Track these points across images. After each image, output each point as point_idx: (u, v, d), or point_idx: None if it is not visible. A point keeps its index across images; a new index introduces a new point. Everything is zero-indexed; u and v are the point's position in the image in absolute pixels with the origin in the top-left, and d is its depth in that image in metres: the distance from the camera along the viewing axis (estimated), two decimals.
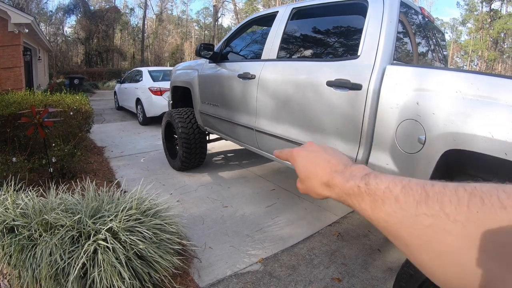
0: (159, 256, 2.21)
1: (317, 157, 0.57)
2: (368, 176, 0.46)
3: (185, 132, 4.33)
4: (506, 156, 1.52)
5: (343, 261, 2.78)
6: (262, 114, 3.04)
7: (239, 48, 3.92)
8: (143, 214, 2.42)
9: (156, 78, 8.90)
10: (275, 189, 4.27)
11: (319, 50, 2.88)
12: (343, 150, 2.30)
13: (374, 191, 0.43)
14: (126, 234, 2.14)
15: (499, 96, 1.62)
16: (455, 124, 1.72)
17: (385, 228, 0.41)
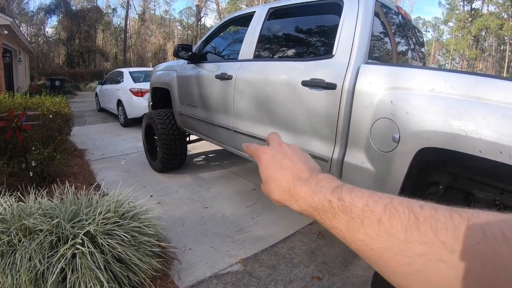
0: (138, 259, 2.20)
1: (282, 159, 0.52)
2: (340, 189, 0.42)
3: (165, 134, 4.29)
4: (480, 154, 1.54)
5: (323, 259, 2.79)
6: (240, 114, 3.03)
7: (217, 49, 3.91)
8: (121, 217, 2.39)
9: (137, 79, 8.82)
10: (256, 189, 4.27)
11: (295, 50, 2.89)
12: (319, 149, 2.31)
13: (350, 209, 0.39)
14: (104, 238, 2.12)
15: (473, 94, 1.64)
16: (429, 123, 1.73)
17: (364, 251, 0.37)
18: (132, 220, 2.42)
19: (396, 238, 0.34)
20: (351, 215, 0.38)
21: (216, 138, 3.60)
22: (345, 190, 0.41)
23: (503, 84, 1.62)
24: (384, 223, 0.35)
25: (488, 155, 1.53)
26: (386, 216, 0.35)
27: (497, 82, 1.64)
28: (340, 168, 2.23)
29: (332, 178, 0.46)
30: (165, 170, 4.66)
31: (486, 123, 1.53)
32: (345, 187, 0.42)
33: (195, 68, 3.75)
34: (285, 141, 1.94)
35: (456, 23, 43.09)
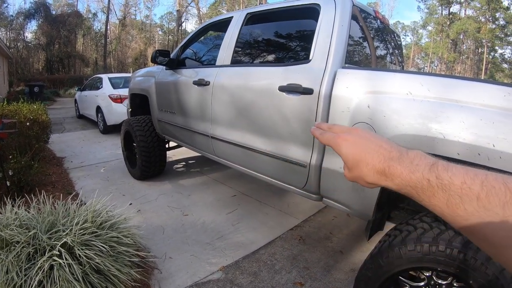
0: (116, 269, 2.15)
1: (366, 143, 0.53)
2: (436, 167, 0.44)
3: (144, 141, 4.23)
4: (458, 156, 1.55)
5: (305, 265, 2.78)
6: (217, 121, 3.00)
7: (195, 54, 3.88)
8: (99, 227, 2.35)
9: (116, 85, 8.69)
10: (236, 195, 4.24)
11: (272, 55, 2.88)
12: (297, 155, 2.30)
13: (449, 187, 0.40)
14: (81, 249, 2.07)
15: (450, 97, 1.65)
16: (407, 126, 1.74)
17: (463, 226, 0.39)
18: (110, 230, 2.37)
19: (494, 213, 0.36)
20: (450, 192, 0.40)
21: (195, 145, 3.56)
22: (441, 168, 0.43)
23: (480, 86, 1.64)
24: (482, 199, 0.37)
25: (466, 157, 1.54)
26: (484, 192, 0.37)
27: (474, 84, 1.66)
28: (318, 173, 2.21)
29: (424, 155, 0.48)
30: (145, 177, 4.60)
31: (463, 125, 1.55)
32: (439, 165, 0.44)
33: (173, 74, 3.71)
34: (262, 147, 1.93)
35: (435, 27, 43.98)
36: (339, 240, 3.21)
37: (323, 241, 3.18)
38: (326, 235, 3.30)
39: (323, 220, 3.65)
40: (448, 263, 1.54)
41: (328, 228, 3.44)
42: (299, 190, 2.44)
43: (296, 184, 2.43)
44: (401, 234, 1.72)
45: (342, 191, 2.13)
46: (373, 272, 1.79)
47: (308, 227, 3.46)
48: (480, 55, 41.86)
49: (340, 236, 3.29)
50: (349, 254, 2.98)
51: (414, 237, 1.64)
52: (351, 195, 2.08)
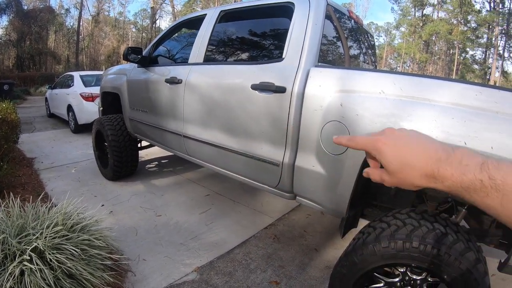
0: (89, 273, 2.09)
1: (407, 144, 0.51)
2: (487, 166, 0.42)
3: (115, 140, 4.14)
4: None
5: (280, 263, 2.78)
6: (190, 119, 2.95)
7: (168, 52, 3.81)
8: (70, 229, 2.27)
9: (88, 83, 8.47)
10: (210, 194, 4.21)
11: (245, 53, 2.86)
12: (270, 154, 2.29)
13: (502, 186, 0.40)
14: (52, 253, 2.00)
15: (421, 95, 1.68)
16: (379, 124, 1.75)
17: None
18: (81, 232, 2.30)
19: None
20: (504, 192, 0.39)
21: (167, 144, 3.50)
22: (492, 167, 0.42)
23: (452, 86, 1.66)
24: None
25: None
26: None
27: (446, 84, 1.69)
28: (291, 172, 2.21)
29: (471, 153, 0.46)
30: (117, 177, 4.50)
31: (436, 124, 1.57)
32: (490, 164, 0.43)
33: (145, 72, 3.63)
34: (235, 146, 1.90)
35: (408, 28, 44.91)
36: (314, 238, 3.22)
37: (298, 239, 3.19)
38: (301, 233, 3.31)
39: (297, 218, 3.66)
40: (422, 259, 1.57)
41: (302, 226, 3.45)
42: (272, 189, 2.43)
43: (269, 183, 2.42)
44: (375, 231, 1.74)
45: (315, 190, 2.13)
46: (347, 269, 1.80)
47: (282, 225, 3.47)
48: (451, 56, 43.00)
49: (315, 234, 3.30)
50: (324, 251, 3.00)
51: (388, 234, 1.66)
52: (324, 193, 2.08)
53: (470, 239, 1.64)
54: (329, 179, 2.02)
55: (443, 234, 1.57)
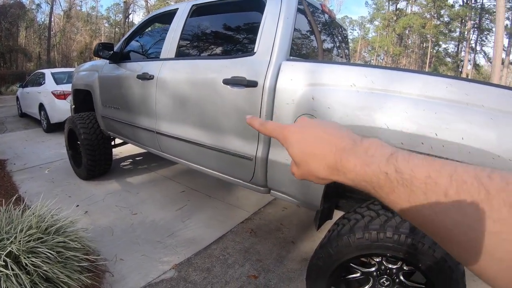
0: (66, 276, 2.06)
1: (314, 133, 0.46)
2: (395, 158, 0.37)
3: (88, 139, 4.05)
4: (402, 146, 1.60)
5: (257, 257, 2.79)
6: (162, 115, 2.92)
7: (140, 47, 3.74)
8: (45, 232, 2.23)
9: (59, 81, 8.24)
10: (185, 190, 4.19)
11: (217, 48, 2.84)
12: (243, 148, 2.28)
13: (411, 181, 0.34)
14: (28, 257, 1.96)
15: (393, 88, 1.70)
16: (351, 117, 1.77)
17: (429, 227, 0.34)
18: (56, 234, 2.26)
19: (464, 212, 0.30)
20: (412, 188, 0.34)
21: (140, 141, 3.46)
22: (401, 159, 0.37)
23: (423, 78, 1.69)
24: (450, 197, 0.31)
25: (410, 146, 1.59)
26: (453, 189, 0.31)
27: (418, 76, 1.72)
28: (265, 166, 2.21)
29: (381, 144, 0.41)
30: (91, 177, 4.41)
31: (407, 116, 1.60)
32: (399, 155, 0.38)
33: (117, 68, 3.56)
34: (208, 141, 1.88)
35: (382, 22, 45.52)
36: (290, 231, 3.25)
37: (274, 232, 3.21)
38: (277, 226, 3.33)
39: (273, 212, 3.68)
40: (396, 248, 1.60)
41: (278, 220, 3.48)
42: (247, 184, 2.43)
43: (243, 178, 2.42)
44: (349, 222, 1.76)
45: (289, 183, 2.14)
46: (323, 261, 1.82)
47: (258, 219, 3.48)
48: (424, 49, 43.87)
49: (291, 227, 3.33)
50: (301, 244, 3.03)
51: (362, 225, 1.69)
52: (298, 186, 2.09)
53: None
54: None
55: None
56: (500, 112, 1.47)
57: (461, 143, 1.49)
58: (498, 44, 21.24)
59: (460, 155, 1.50)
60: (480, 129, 1.47)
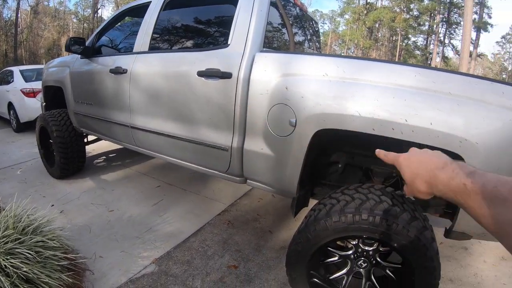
0: (46, 276, 2.03)
1: (419, 158, 0.63)
2: (473, 174, 0.50)
3: (61, 136, 3.96)
4: (374, 131, 1.68)
5: (236, 247, 2.84)
6: (136, 110, 2.90)
7: (112, 41, 3.69)
8: (22, 232, 2.19)
9: (29, 78, 7.98)
10: (160, 185, 4.18)
11: (191, 41, 2.84)
12: (218, 139, 2.32)
13: (482, 190, 0.46)
14: (6, 258, 1.93)
15: (364, 77, 1.76)
16: (324, 106, 1.82)
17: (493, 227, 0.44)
18: (34, 234, 2.22)
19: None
20: (483, 195, 0.46)
21: (115, 137, 3.42)
22: (478, 175, 0.49)
23: (392, 67, 1.78)
24: (508, 202, 0.42)
25: (381, 132, 1.67)
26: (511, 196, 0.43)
27: (387, 66, 1.81)
28: (240, 156, 2.25)
29: (465, 165, 0.55)
30: (65, 175, 4.33)
31: (377, 103, 1.67)
32: (477, 172, 0.50)
33: (89, 63, 3.50)
34: (184, 133, 1.92)
35: (352, 16, 46.13)
36: (267, 221, 3.31)
37: (251, 223, 3.26)
38: (254, 217, 3.38)
39: (248, 203, 3.73)
40: (372, 230, 1.66)
41: (255, 210, 3.53)
42: (223, 174, 2.47)
43: (220, 169, 2.45)
44: (325, 207, 1.81)
45: (265, 172, 2.19)
46: (302, 246, 1.87)
47: (235, 211, 3.52)
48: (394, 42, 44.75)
49: (268, 217, 3.39)
50: (278, 233, 3.09)
51: (338, 209, 1.74)
52: (274, 175, 2.15)
53: (416, 209, 1.76)
54: (278, 160, 2.08)
55: (390, 206, 1.67)
56: (466, 99, 1.56)
57: (430, 128, 1.57)
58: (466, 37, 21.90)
59: (429, 139, 1.59)
60: (447, 115, 1.56)
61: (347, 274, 1.98)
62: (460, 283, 2.51)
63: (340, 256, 1.97)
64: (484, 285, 2.51)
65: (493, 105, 1.53)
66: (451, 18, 39.30)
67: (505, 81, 1.81)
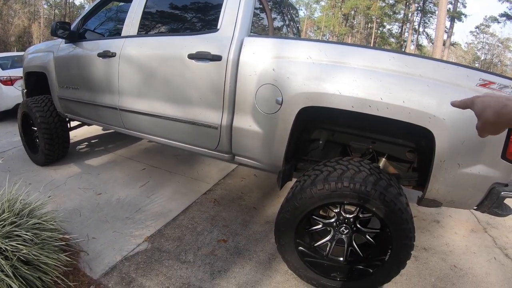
0: (45, 257, 2.07)
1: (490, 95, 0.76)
2: None
3: (45, 122, 3.95)
4: (353, 108, 1.89)
5: (224, 223, 2.98)
6: (126, 92, 2.96)
7: (98, 26, 3.70)
8: (18, 215, 2.22)
9: (4, 66, 7.69)
10: (145, 168, 4.25)
11: (180, 25, 2.92)
12: (208, 118, 2.44)
13: None
14: (5, 241, 1.95)
15: (344, 60, 1.97)
16: (307, 85, 2.00)
17: None
18: (29, 217, 2.25)
19: None
20: None
21: (102, 120, 3.47)
22: None
23: (369, 52, 2.01)
24: None
25: (359, 109, 1.88)
26: None
27: (365, 50, 2.03)
28: (229, 133, 2.39)
29: None
30: (49, 162, 4.31)
31: (356, 84, 1.88)
32: None
33: (74, 48, 3.50)
34: (174, 113, 2.07)
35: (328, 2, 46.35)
36: (251, 199, 3.47)
37: (237, 200, 3.42)
38: (238, 195, 3.54)
39: (232, 182, 3.88)
40: (352, 195, 1.86)
41: (239, 189, 3.68)
42: (212, 152, 2.60)
43: (209, 146, 2.58)
44: (310, 178, 2.00)
45: (253, 148, 2.34)
46: (290, 213, 2.04)
47: (220, 190, 3.66)
48: (369, 29, 45.36)
49: (251, 195, 3.55)
50: (262, 209, 3.27)
51: (322, 178, 1.93)
52: (261, 150, 2.30)
53: (391, 179, 1.96)
54: (265, 136, 2.23)
55: (368, 175, 1.87)
56: (434, 81, 1.81)
57: (402, 105, 1.80)
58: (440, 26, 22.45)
59: (402, 115, 1.81)
60: (418, 95, 1.79)
61: (330, 240, 2.17)
62: (433, 251, 2.74)
63: (324, 224, 2.15)
64: (456, 253, 2.74)
65: (458, 86, 1.78)
66: (426, 7, 40.08)
67: (469, 65, 2.07)
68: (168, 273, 2.36)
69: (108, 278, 2.32)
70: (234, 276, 2.36)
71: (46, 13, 44.42)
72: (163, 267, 2.42)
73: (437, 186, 1.92)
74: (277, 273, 2.40)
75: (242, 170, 4.22)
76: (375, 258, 2.09)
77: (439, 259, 2.65)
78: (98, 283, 2.27)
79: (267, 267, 2.47)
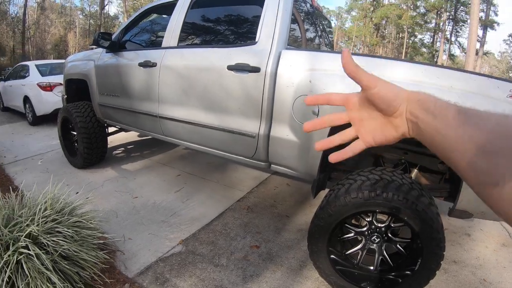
0: (84, 253, 2.15)
1: None
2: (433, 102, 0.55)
3: (85, 127, 4.14)
4: None
5: (257, 230, 3.03)
6: (165, 100, 3.08)
7: (138, 37, 3.86)
8: (59, 213, 2.31)
9: (44, 72, 8.11)
10: (181, 174, 4.36)
11: (219, 37, 3.03)
12: (246, 127, 2.53)
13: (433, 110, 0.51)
14: (47, 237, 2.03)
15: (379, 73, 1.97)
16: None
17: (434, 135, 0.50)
18: (70, 215, 2.34)
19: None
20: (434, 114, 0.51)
21: (141, 126, 3.61)
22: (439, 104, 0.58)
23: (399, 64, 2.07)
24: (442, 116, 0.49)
25: None
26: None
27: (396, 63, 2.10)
28: (267, 142, 2.46)
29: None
30: (87, 165, 4.50)
31: None
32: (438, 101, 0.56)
33: (115, 57, 3.67)
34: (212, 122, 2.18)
35: (359, 12, 46.12)
36: (284, 207, 3.50)
37: (269, 208, 3.46)
38: (271, 203, 3.58)
39: (265, 191, 3.93)
40: (385, 204, 1.89)
41: (271, 197, 3.73)
42: (249, 160, 2.68)
43: (246, 154, 2.66)
44: (344, 186, 2.04)
45: (289, 156, 2.40)
46: (324, 221, 2.08)
47: (253, 197, 3.72)
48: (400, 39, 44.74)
49: (284, 204, 3.59)
50: (295, 217, 3.30)
51: (356, 187, 1.97)
52: (297, 159, 2.36)
53: (423, 189, 1.98)
54: (301, 146, 2.29)
55: (400, 185, 1.89)
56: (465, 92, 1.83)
57: None
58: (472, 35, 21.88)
59: None
60: None
61: (361, 249, 2.19)
62: (463, 264, 2.70)
63: (356, 232, 2.18)
64: (486, 267, 2.69)
65: (489, 97, 1.78)
66: (458, 16, 39.24)
67: (500, 77, 2.08)
68: (201, 275, 2.43)
69: (143, 277, 2.41)
70: (265, 281, 2.41)
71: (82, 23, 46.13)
72: (196, 269, 2.50)
73: (468, 197, 1.93)
74: (308, 280, 2.43)
75: (275, 178, 4.28)
76: (405, 267, 2.10)
77: (469, 272, 2.62)
78: (133, 282, 2.36)
79: (298, 274, 2.50)
